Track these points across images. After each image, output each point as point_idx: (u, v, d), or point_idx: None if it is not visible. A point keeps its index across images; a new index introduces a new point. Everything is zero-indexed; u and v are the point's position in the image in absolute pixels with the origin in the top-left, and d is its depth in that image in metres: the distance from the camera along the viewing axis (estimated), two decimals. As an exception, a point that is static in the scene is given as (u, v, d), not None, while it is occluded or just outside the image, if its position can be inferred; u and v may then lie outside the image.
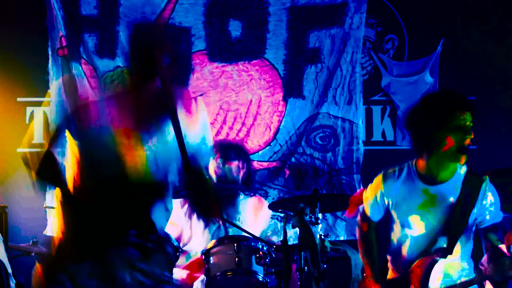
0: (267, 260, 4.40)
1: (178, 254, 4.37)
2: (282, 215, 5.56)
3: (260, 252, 4.37)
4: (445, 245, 3.39)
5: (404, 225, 3.52)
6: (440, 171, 3.42)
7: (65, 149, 3.07)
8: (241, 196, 5.15)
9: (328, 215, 6.05)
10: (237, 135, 6.12)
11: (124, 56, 3.09)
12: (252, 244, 4.41)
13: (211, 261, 4.40)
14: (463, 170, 3.49)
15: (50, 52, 6.05)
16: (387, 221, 3.66)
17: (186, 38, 6.12)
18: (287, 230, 3.52)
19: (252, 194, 5.30)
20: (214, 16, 6.14)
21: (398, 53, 6.32)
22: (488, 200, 3.47)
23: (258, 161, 6.08)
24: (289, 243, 4.38)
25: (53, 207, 5.51)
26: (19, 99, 6.10)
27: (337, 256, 4.34)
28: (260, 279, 4.35)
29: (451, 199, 3.41)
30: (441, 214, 3.43)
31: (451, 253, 3.39)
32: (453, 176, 3.44)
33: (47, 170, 3.04)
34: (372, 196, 3.64)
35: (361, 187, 5.71)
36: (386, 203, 3.58)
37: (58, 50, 6.03)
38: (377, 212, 3.67)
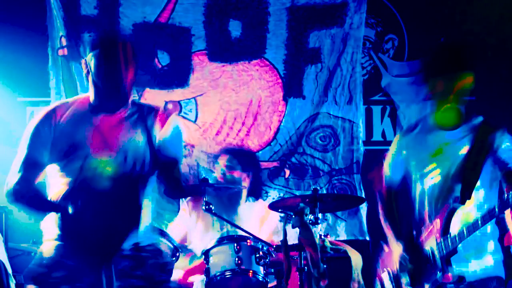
0: (267, 260, 4.39)
1: (178, 254, 4.40)
2: (282, 215, 5.55)
3: (260, 252, 4.37)
4: (459, 193, 3.44)
5: (423, 176, 3.56)
6: (445, 119, 3.54)
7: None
8: (247, 202, 5.16)
9: (328, 215, 6.05)
10: (237, 135, 6.12)
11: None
12: (252, 244, 4.41)
13: (211, 261, 4.40)
14: (477, 120, 3.57)
15: (50, 52, 6.05)
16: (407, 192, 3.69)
17: (186, 38, 6.12)
18: (287, 230, 3.52)
19: (258, 199, 5.31)
20: (214, 16, 6.14)
21: (398, 53, 6.32)
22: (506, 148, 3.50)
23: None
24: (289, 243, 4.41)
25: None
26: (19, 99, 6.10)
27: (337, 256, 4.33)
28: (260, 279, 4.35)
29: (464, 146, 3.48)
30: (454, 160, 3.48)
31: (469, 198, 3.42)
32: (461, 122, 3.54)
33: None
34: (391, 154, 3.70)
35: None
36: (404, 154, 3.64)
37: (58, 50, 6.03)
38: (396, 170, 3.75)
